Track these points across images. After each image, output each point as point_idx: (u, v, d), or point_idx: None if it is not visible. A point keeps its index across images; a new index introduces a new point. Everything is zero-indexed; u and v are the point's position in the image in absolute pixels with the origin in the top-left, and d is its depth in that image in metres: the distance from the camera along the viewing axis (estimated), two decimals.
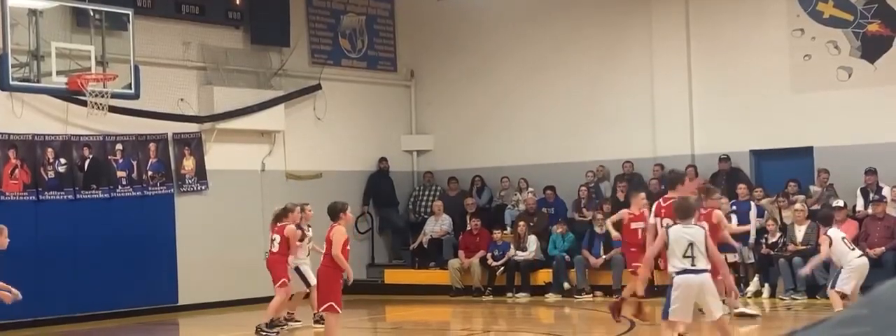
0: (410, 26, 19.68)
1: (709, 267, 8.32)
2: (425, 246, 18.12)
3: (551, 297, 16.48)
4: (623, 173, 17.54)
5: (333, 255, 9.61)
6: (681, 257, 8.25)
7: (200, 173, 16.17)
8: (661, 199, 9.80)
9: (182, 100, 16.04)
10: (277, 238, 12.43)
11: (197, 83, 16.39)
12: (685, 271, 8.26)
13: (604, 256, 16.31)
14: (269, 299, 12.61)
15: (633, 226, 12.34)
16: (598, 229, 16.26)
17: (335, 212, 9.84)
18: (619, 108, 17.83)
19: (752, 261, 15.42)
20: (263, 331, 12.20)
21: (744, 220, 15.43)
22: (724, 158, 16.63)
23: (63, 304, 14.07)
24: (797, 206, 15.21)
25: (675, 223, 8.67)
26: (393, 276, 17.92)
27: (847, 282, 11.31)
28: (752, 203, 15.67)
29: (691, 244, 8.24)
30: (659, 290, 11.65)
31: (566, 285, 16.55)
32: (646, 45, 17.56)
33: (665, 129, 17.36)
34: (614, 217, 13.46)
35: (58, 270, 14.09)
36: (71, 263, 14.16)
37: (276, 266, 12.44)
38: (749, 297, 15.15)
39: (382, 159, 18.95)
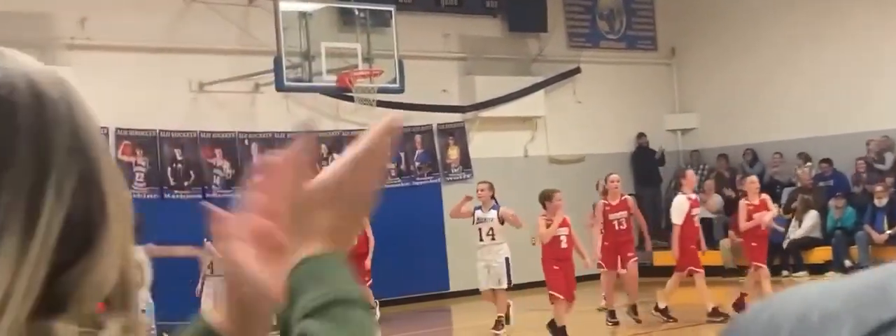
0: (669, 2, 19.24)
1: None
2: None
3: (832, 276, 15.73)
4: None
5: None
6: None
7: (465, 162, 16.54)
8: None
9: (444, 91, 16.44)
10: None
11: (458, 74, 16.75)
12: None
13: (889, 232, 15.39)
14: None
15: (611, 217, 12.84)
16: (877, 202, 15.35)
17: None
18: None
19: None
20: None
21: None
22: None
23: None
24: None
25: None
26: (662, 258, 17.59)
27: None
28: None
29: None
30: None
31: (847, 263, 15.77)
32: None
33: None
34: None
35: None
36: None
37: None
38: None
39: (640, 135, 18.61)
